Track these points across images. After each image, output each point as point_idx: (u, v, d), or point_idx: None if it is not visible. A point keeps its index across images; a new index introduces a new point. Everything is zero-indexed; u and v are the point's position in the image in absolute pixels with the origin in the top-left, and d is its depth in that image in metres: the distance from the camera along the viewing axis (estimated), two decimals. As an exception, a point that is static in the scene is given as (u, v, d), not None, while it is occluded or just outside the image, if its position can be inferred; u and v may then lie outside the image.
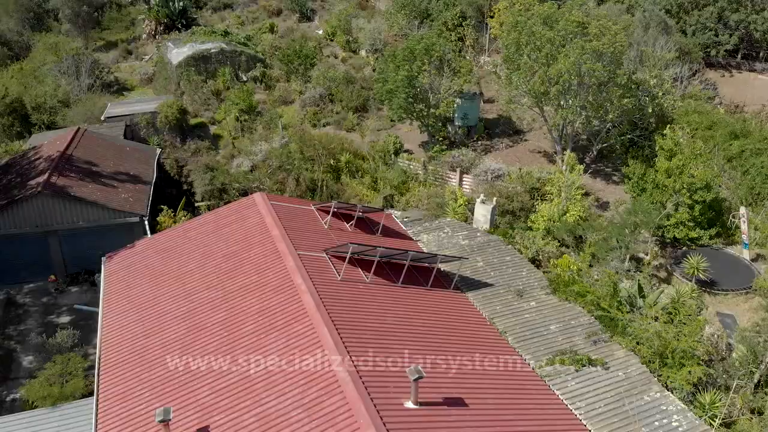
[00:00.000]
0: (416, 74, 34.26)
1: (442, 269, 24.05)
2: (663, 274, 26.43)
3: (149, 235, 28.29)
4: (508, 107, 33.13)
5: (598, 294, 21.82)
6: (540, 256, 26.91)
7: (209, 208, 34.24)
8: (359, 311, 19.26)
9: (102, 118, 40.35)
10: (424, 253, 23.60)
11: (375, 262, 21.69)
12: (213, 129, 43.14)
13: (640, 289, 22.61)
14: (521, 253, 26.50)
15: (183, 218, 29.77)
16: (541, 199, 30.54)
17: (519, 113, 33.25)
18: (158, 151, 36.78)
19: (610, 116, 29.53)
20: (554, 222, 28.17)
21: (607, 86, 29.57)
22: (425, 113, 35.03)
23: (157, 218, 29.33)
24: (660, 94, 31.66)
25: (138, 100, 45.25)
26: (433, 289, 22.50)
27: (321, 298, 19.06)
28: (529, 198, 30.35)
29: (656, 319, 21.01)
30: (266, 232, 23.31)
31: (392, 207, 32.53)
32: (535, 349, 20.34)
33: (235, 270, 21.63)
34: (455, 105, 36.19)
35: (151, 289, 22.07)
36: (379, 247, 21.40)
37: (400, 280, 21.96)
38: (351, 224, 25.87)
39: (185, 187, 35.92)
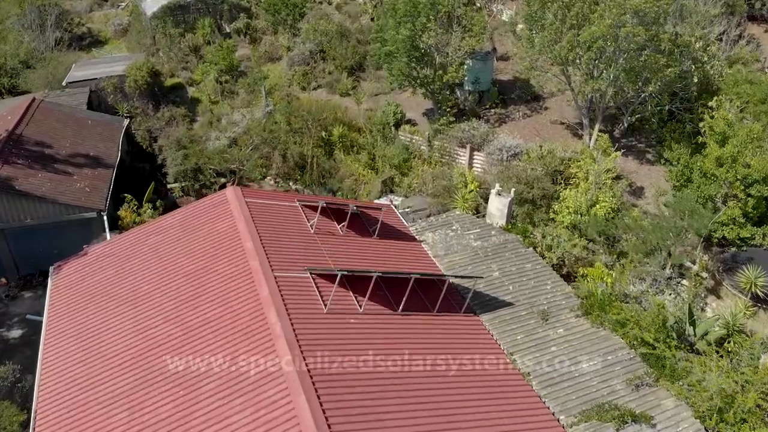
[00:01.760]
0: (420, 32, 29.35)
1: (451, 281, 20.13)
2: (710, 282, 22.46)
3: (107, 234, 24.39)
4: (529, 74, 28.38)
5: (641, 323, 17.92)
6: (566, 260, 22.92)
7: (183, 190, 30.21)
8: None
9: (64, 83, 35.63)
10: (429, 274, 19.55)
11: (371, 284, 17.70)
12: (191, 91, 38.44)
13: (690, 313, 18.72)
14: (544, 258, 22.51)
15: (149, 210, 25.68)
16: (565, 184, 26.29)
17: (541, 81, 28.53)
18: (125, 122, 32.28)
19: (651, 88, 24.87)
20: (581, 215, 24.03)
21: (647, 52, 24.80)
22: (430, 79, 30.30)
23: (118, 212, 25.23)
24: (705, 58, 26.86)
25: (105, 59, 40.29)
26: (441, 314, 18.63)
27: (300, 346, 15.24)
28: (551, 182, 26.08)
29: (702, 353, 17.24)
30: (238, 242, 19.28)
31: (392, 192, 28.38)
32: (565, 397, 16.62)
33: (199, 297, 17.73)
34: (465, 67, 31.40)
35: (101, 318, 18.23)
36: (375, 272, 17.35)
37: (401, 306, 18.07)
38: (343, 226, 21.78)
39: (159, 161, 31.65)
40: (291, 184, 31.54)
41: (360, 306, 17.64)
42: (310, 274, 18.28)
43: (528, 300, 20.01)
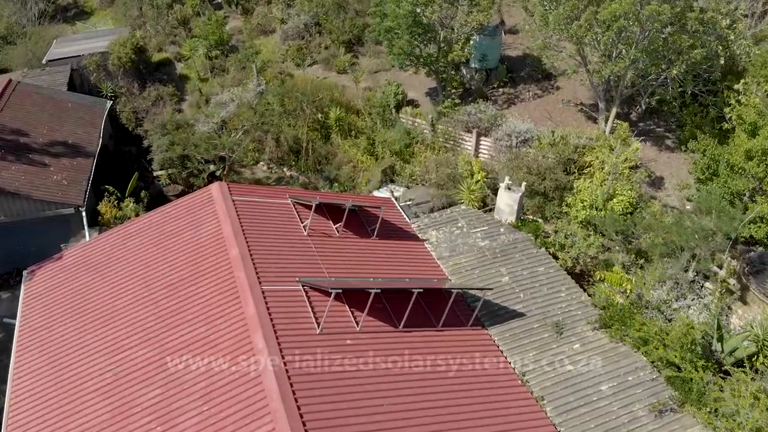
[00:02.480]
0: (423, 6, 27.05)
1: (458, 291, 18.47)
2: (735, 285, 20.74)
3: (86, 231, 22.74)
4: (542, 53, 26.16)
5: (666, 341, 16.31)
6: (581, 260, 21.23)
7: (170, 178, 28.42)
8: (344, 395, 13.86)
9: (44, 60, 33.47)
10: (435, 285, 17.81)
11: (369, 299, 16.02)
12: (179, 67, 36.27)
13: (718, 327, 17.09)
14: (557, 259, 20.81)
15: (131, 204, 23.90)
16: (579, 173, 24.40)
17: (555, 61, 26.29)
18: (108, 104, 30.26)
19: (675, 71, 22.77)
20: (598, 209, 22.21)
21: (670, 30, 22.61)
22: (434, 58, 28.12)
23: (98, 207, 23.46)
24: (732, 36, 24.63)
25: (88, 34, 37.95)
26: (446, 328, 17.04)
27: (290, 377, 13.68)
28: (564, 172, 24.19)
29: (732, 374, 15.65)
30: (223, 250, 17.62)
31: (392, 181, 26.54)
32: (583, 426, 15.12)
33: (180, 313, 16.14)
34: (471, 43, 29.17)
35: (75, 335, 16.73)
36: (374, 289, 15.66)
37: (402, 322, 16.46)
38: (339, 226, 20.05)
39: (146, 143, 29.67)
40: (285, 170, 29.71)
41: (357, 323, 16.03)
42: (302, 287, 16.63)
43: (541, 310, 18.38)
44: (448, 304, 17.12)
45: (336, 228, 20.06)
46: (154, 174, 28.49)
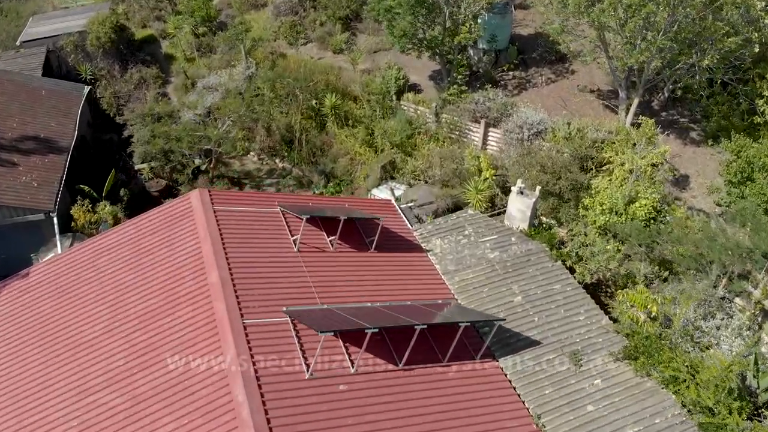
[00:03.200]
0: (426, -17, 24.58)
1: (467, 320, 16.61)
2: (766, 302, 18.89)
3: (58, 239, 20.87)
4: (559, 38, 23.74)
5: (698, 379, 14.54)
6: (600, 274, 19.36)
7: (153, 171, 26.38)
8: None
9: (18, 42, 31.04)
10: (441, 319, 15.84)
11: (367, 338, 14.20)
12: (165, 46, 33.79)
13: (755, 361, 15.29)
14: (574, 273, 18.91)
15: (107, 207, 21.94)
16: (596, 170, 22.34)
17: (572, 45, 23.86)
18: (86, 90, 27.96)
19: (706, 61, 20.46)
20: (618, 214, 20.21)
21: (704, 15, 20.22)
22: (439, 41, 25.70)
23: (71, 211, 21.49)
24: (766, 20, 22.21)
25: (68, 12, 35.22)
26: (453, 363, 15.24)
27: (274, 439, 11.97)
28: (580, 169, 22.12)
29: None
30: (201, 273, 15.77)
31: (393, 178, 24.48)
32: (607, 481, 13.48)
33: (153, 351, 14.38)
34: (479, 22, 26.73)
35: (38, 373, 15.04)
36: (371, 329, 13.76)
37: (403, 360, 14.67)
38: (334, 239, 18.10)
39: (127, 132, 27.43)
40: (277, 161, 27.65)
41: (352, 363, 14.24)
42: (290, 319, 14.80)
43: (557, 336, 16.54)
44: (456, 337, 15.28)
45: (330, 241, 18.13)
46: (136, 167, 26.42)
